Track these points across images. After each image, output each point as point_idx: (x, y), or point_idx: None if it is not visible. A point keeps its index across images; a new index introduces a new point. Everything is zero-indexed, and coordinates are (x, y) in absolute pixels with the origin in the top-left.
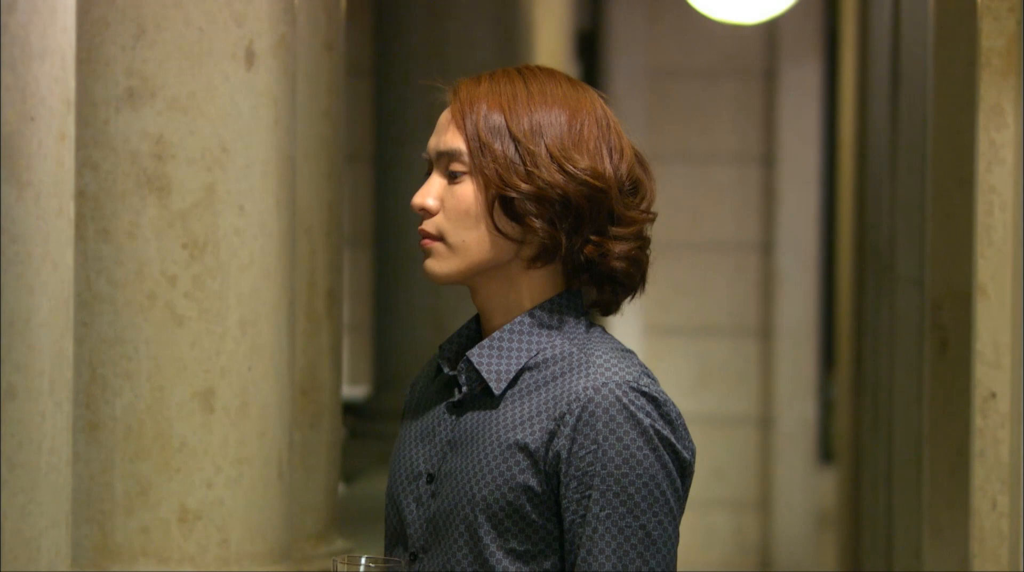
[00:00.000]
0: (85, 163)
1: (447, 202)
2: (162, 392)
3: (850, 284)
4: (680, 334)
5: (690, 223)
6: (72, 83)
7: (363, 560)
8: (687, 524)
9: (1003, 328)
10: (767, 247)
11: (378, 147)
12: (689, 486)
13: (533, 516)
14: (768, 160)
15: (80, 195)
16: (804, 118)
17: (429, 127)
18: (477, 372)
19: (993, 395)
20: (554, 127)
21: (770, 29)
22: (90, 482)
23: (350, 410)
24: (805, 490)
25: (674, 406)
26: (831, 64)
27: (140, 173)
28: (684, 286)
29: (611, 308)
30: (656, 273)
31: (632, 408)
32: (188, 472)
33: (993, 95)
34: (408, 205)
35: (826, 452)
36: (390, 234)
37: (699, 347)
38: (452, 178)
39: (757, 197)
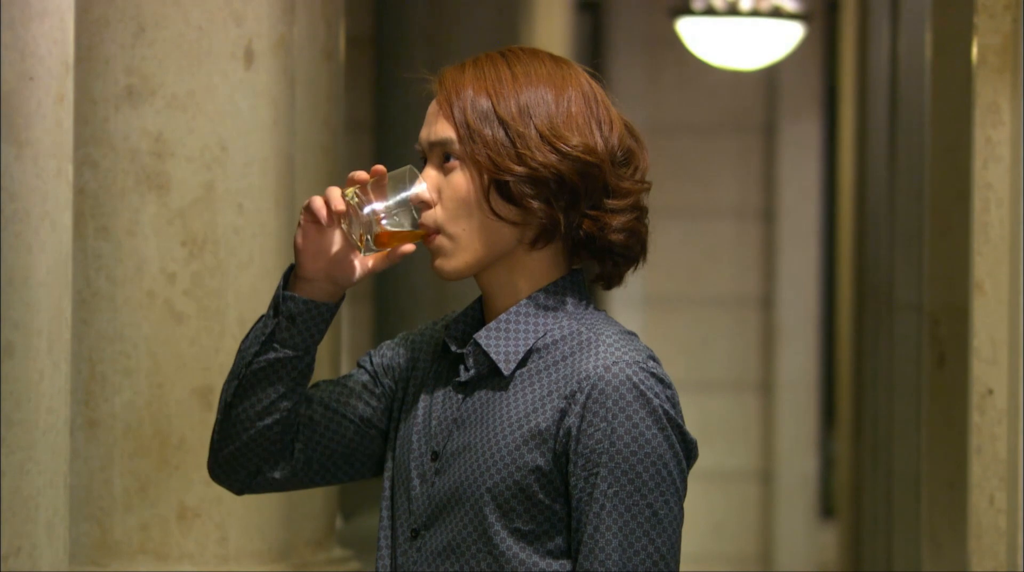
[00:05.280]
0: (85, 161)
1: (444, 192)
2: (161, 389)
3: (850, 333)
4: (680, 388)
5: (690, 278)
6: (71, 45)
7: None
8: None
9: (1000, 325)
10: (767, 302)
11: None
12: (691, 469)
13: (540, 496)
14: (768, 215)
15: (79, 193)
16: (804, 173)
17: None
18: (485, 354)
19: (990, 392)
20: (542, 107)
21: (769, 84)
22: (89, 479)
23: None
24: (806, 545)
25: (676, 391)
26: (830, 119)
27: (139, 171)
28: (684, 341)
29: (613, 281)
30: (656, 328)
31: (642, 387)
32: (187, 469)
33: (989, 93)
34: (408, 261)
35: (827, 507)
36: (389, 288)
37: (699, 402)
38: (446, 168)
39: (757, 252)
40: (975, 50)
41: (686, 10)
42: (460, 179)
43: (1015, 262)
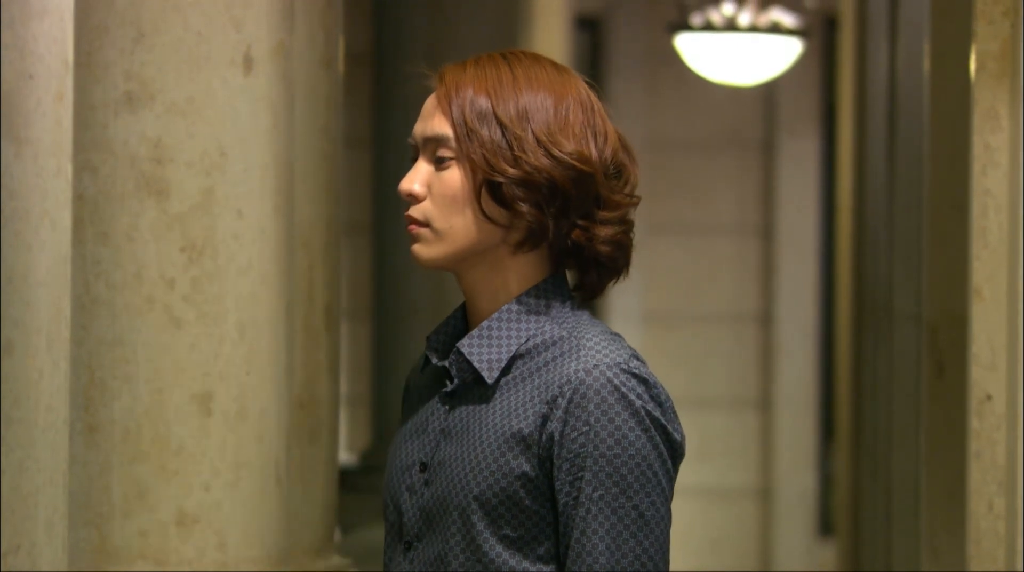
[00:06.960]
0: (84, 166)
1: (434, 188)
2: (160, 395)
3: (849, 348)
4: (679, 405)
5: (689, 295)
6: (71, 43)
7: None
8: None
9: (999, 330)
10: (766, 318)
11: (376, 216)
12: (678, 468)
13: (527, 502)
14: (766, 232)
15: (79, 198)
16: (802, 190)
17: None
18: (468, 362)
19: (989, 397)
20: (540, 111)
21: (768, 100)
22: (88, 485)
23: (346, 471)
24: (805, 562)
25: (663, 389)
26: (829, 135)
27: (139, 176)
28: (683, 358)
29: (595, 292)
30: (655, 344)
31: (623, 389)
32: (186, 475)
33: (988, 99)
34: (408, 279)
35: (825, 524)
36: (388, 307)
37: (698, 419)
38: (439, 164)
39: (756, 269)
40: (974, 57)
41: (685, 26)
42: (453, 176)
43: (1014, 267)
